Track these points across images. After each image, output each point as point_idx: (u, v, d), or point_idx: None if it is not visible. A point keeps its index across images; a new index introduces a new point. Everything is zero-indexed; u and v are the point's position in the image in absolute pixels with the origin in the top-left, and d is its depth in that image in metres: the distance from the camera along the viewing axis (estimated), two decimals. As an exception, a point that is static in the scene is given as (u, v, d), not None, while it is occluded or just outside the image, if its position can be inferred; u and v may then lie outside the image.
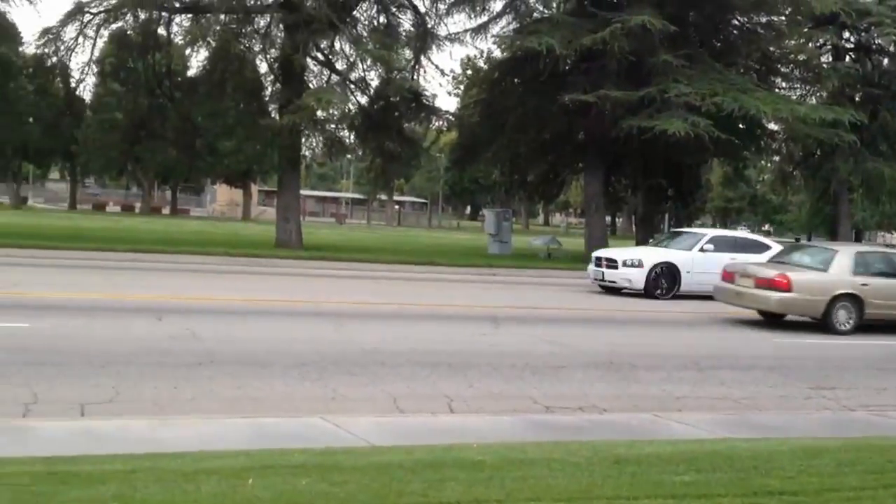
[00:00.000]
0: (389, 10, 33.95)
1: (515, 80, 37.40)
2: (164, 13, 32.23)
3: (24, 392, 8.40)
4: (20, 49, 44.75)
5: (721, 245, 23.00)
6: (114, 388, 8.79)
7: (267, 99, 34.50)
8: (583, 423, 8.77)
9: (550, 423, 8.63)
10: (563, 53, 30.93)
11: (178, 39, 33.12)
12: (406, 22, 34.88)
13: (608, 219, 36.40)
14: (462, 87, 65.58)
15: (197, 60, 35.01)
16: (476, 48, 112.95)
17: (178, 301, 15.91)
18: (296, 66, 30.58)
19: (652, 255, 22.98)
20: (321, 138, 34.12)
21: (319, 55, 33.22)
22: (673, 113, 30.64)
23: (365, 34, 32.82)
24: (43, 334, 11.57)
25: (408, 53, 34.87)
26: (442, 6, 34.71)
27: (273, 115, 33.25)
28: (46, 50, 31.74)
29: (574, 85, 32.05)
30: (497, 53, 40.69)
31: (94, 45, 32.36)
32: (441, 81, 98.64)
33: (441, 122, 36.48)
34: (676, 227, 48.69)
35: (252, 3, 32.14)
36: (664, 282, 22.20)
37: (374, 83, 33.58)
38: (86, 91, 39.08)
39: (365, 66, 32.69)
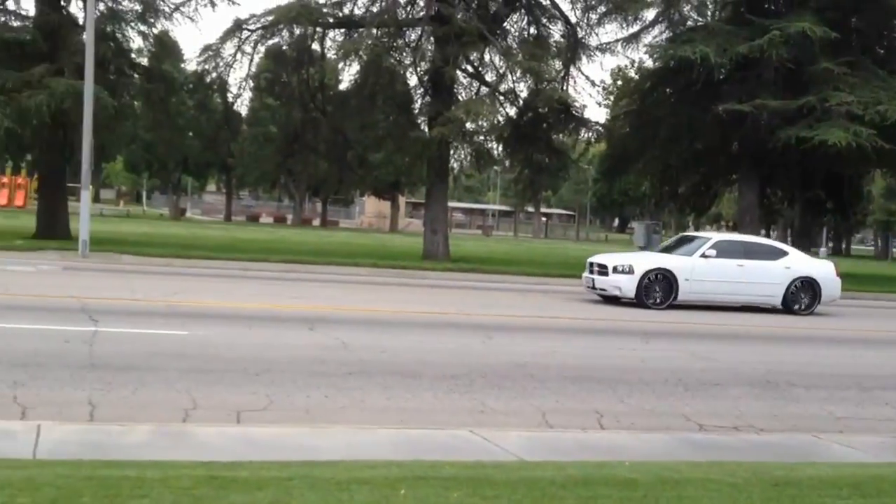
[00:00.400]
0: (540, 21, 33.87)
1: (668, 90, 36.79)
2: (318, 28, 32.97)
3: (184, 398, 8.68)
4: (182, 65, 46.64)
5: (726, 251, 21.37)
6: (268, 395, 8.98)
7: (417, 111, 34.89)
8: (738, 442, 8.49)
9: (704, 442, 8.39)
10: (718, 62, 30.24)
11: (331, 54, 33.77)
12: (556, 33, 34.74)
13: (763, 232, 35.35)
14: (612, 97, 64.86)
15: (349, 74, 35.69)
16: (627, 58, 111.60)
17: (328, 311, 16.21)
18: (446, 79, 30.84)
19: (645, 260, 21.38)
20: (470, 150, 34.26)
21: (469, 67, 33.40)
22: (833, 122, 29.58)
23: (515, 46, 32.85)
24: (201, 342, 11.93)
25: (557, 64, 34.66)
26: (593, 16, 34.36)
27: (423, 128, 33.60)
28: (206, 66, 32.80)
29: (729, 94, 31.32)
30: (649, 63, 40.09)
31: (251, 60, 33.41)
32: (591, 92, 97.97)
33: (590, 134, 36.09)
34: (836, 240, 47.01)
35: (403, 17, 32.59)
36: (658, 290, 20.60)
37: (524, 94, 33.55)
38: (242, 106, 40.51)
39: (514, 78, 32.71)
